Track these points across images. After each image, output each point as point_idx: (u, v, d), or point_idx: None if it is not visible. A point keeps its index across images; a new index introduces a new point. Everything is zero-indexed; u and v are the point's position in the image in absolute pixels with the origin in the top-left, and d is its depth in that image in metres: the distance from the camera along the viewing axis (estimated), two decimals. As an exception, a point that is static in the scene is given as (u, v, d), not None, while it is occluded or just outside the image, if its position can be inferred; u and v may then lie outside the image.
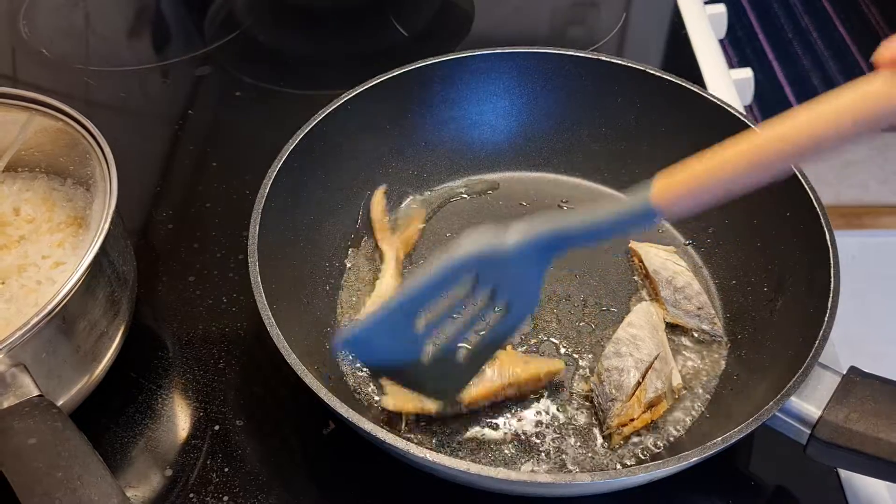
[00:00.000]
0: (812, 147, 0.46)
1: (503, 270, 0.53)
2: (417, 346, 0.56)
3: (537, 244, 0.52)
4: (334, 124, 0.74)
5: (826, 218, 0.65)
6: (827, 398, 0.56)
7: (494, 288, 0.54)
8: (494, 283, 0.54)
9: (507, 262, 0.53)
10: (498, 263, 0.53)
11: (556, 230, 0.52)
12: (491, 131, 0.83)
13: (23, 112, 0.69)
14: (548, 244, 0.52)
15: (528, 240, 0.52)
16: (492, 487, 0.56)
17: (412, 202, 0.81)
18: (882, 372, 0.58)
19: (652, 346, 0.66)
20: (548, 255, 0.53)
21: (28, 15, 1.10)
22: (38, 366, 0.56)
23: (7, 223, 0.68)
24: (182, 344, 0.72)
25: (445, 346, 0.58)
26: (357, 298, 0.73)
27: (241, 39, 1.07)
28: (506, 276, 0.54)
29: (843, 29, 2.52)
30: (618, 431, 0.63)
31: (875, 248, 1.77)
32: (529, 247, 0.52)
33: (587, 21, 1.11)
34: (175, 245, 0.81)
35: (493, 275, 0.53)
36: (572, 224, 0.52)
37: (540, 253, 0.53)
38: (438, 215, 0.80)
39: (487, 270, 0.53)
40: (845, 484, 0.63)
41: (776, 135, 0.47)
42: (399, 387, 0.63)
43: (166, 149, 0.91)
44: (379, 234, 0.77)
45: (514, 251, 0.52)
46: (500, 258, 0.52)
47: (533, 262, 0.53)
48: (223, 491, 0.63)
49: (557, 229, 0.52)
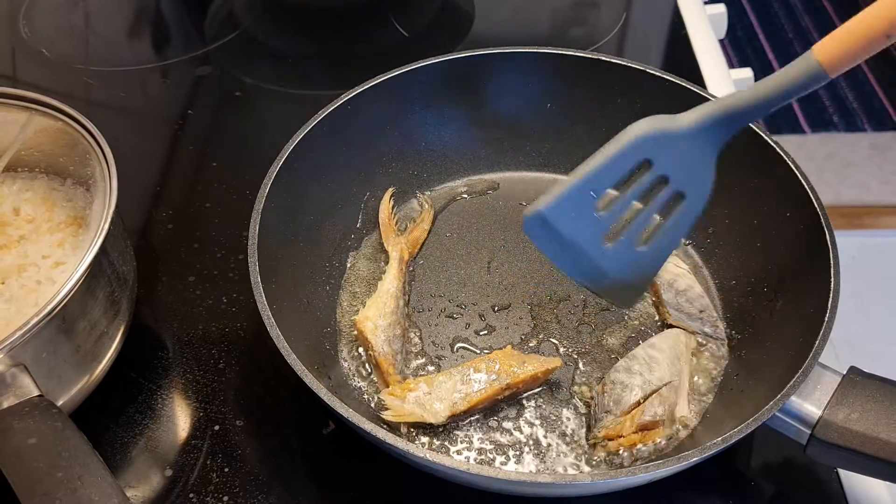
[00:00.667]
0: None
1: (676, 154, 0.54)
2: (599, 232, 0.56)
3: (711, 122, 0.53)
4: (334, 124, 0.74)
5: (826, 218, 0.65)
6: (827, 398, 0.56)
7: (666, 175, 0.55)
8: (667, 169, 0.55)
9: (680, 144, 0.54)
10: (671, 146, 0.54)
11: (727, 106, 0.53)
12: (491, 131, 0.83)
13: (23, 112, 0.69)
14: (720, 122, 0.54)
15: (702, 118, 0.53)
16: (491, 487, 0.56)
17: (422, 202, 0.81)
18: (882, 372, 0.58)
19: (666, 371, 0.64)
20: (719, 136, 0.54)
21: (28, 15, 1.10)
22: (38, 366, 0.56)
23: (7, 223, 0.68)
24: (182, 344, 0.72)
25: (624, 241, 0.57)
26: (357, 298, 0.73)
27: (241, 39, 1.07)
28: (679, 161, 0.54)
29: (843, 29, 2.52)
30: (602, 444, 0.62)
31: (875, 248, 1.77)
32: (702, 126, 0.53)
33: (587, 21, 1.11)
34: (175, 245, 0.81)
35: (665, 159, 0.54)
36: (742, 99, 0.53)
37: (711, 134, 0.54)
38: (439, 216, 0.80)
39: (661, 154, 0.54)
40: (845, 484, 0.63)
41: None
42: (399, 400, 0.63)
43: (166, 149, 0.91)
44: (385, 234, 0.77)
45: (687, 131, 0.53)
46: (673, 140, 0.53)
47: (706, 145, 0.54)
48: (223, 491, 0.63)
49: (729, 106, 0.53)
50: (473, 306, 0.73)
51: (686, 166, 0.55)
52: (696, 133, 0.54)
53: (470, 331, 0.71)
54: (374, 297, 0.70)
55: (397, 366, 0.67)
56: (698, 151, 0.55)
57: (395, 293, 0.71)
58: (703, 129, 0.54)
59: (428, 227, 0.79)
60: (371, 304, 0.70)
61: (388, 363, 0.66)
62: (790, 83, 0.53)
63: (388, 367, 0.66)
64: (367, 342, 0.67)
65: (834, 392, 0.56)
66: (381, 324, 0.68)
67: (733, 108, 0.54)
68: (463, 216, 0.80)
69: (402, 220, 0.79)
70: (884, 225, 1.92)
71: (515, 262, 0.76)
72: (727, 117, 0.54)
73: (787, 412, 0.56)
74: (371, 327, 0.67)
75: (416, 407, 0.63)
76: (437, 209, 0.81)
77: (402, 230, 0.78)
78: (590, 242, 0.57)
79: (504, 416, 0.65)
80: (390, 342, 0.67)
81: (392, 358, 0.67)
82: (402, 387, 0.64)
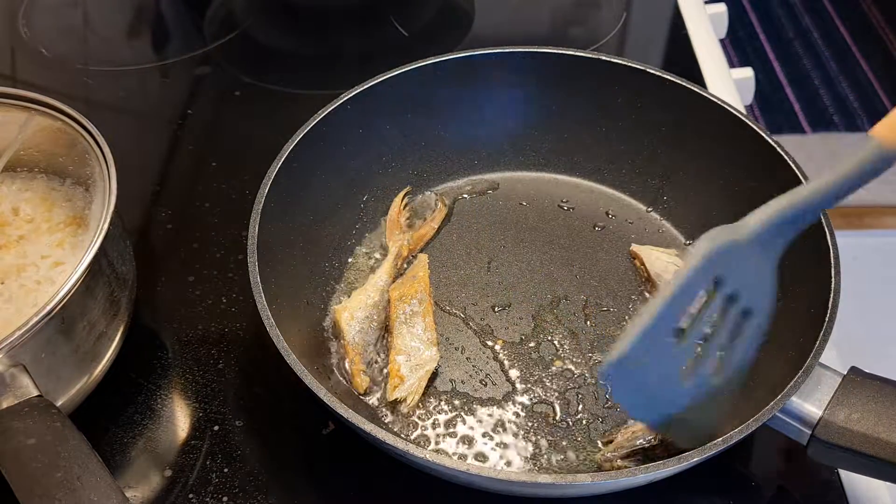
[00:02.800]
0: None
1: (743, 265, 0.52)
2: (677, 369, 0.53)
3: (780, 220, 0.51)
4: (334, 124, 0.74)
5: (826, 218, 0.64)
6: (827, 398, 0.56)
7: (736, 292, 0.52)
8: (735, 284, 0.52)
9: (747, 253, 0.51)
10: (739, 256, 0.51)
11: (794, 203, 0.51)
12: (491, 131, 0.82)
13: (22, 112, 0.69)
14: (789, 220, 0.52)
15: (770, 217, 0.51)
16: (491, 488, 0.56)
17: (436, 201, 0.81)
18: (882, 372, 0.58)
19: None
20: (785, 236, 0.52)
21: (28, 15, 1.09)
22: (37, 366, 0.56)
23: (6, 223, 0.67)
24: (181, 344, 0.72)
25: (700, 376, 0.54)
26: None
27: (240, 39, 1.07)
28: (746, 273, 0.52)
29: (843, 29, 2.52)
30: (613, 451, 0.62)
31: (876, 249, 1.77)
32: (771, 226, 0.51)
33: (587, 21, 1.11)
34: (175, 245, 0.81)
35: (734, 273, 0.52)
36: (811, 191, 0.51)
37: (777, 235, 0.52)
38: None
39: (730, 268, 0.51)
40: (845, 484, 0.63)
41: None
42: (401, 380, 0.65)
43: (166, 149, 0.91)
44: (390, 230, 0.77)
45: (755, 237, 0.51)
46: (740, 249, 0.51)
47: (770, 249, 0.52)
48: (223, 491, 0.62)
49: (796, 202, 0.51)
50: (473, 306, 0.73)
51: (752, 278, 0.53)
52: (763, 237, 0.52)
53: (469, 331, 0.71)
54: (361, 289, 0.71)
55: (365, 357, 0.67)
56: (763, 259, 0.53)
57: (381, 287, 0.71)
58: (770, 230, 0.52)
59: (437, 226, 0.79)
60: (355, 295, 0.71)
61: (356, 353, 0.67)
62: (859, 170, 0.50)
63: (355, 357, 0.67)
64: (340, 331, 0.68)
65: (834, 392, 0.56)
66: (359, 315, 0.69)
67: (802, 202, 0.51)
68: (463, 216, 0.80)
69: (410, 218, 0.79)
70: (884, 225, 1.92)
71: (515, 262, 0.76)
72: (796, 214, 0.52)
73: (787, 412, 0.56)
74: (347, 317, 0.68)
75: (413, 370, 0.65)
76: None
77: (409, 227, 0.78)
78: (670, 382, 0.54)
79: (504, 416, 0.65)
80: (363, 333, 0.68)
81: (361, 348, 0.67)
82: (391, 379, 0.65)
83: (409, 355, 0.67)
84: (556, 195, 0.82)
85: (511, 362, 0.69)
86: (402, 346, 0.67)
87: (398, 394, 0.65)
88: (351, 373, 0.66)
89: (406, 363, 0.66)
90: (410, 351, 0.67)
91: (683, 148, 0.78)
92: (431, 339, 0.68)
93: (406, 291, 0.70)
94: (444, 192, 0.82)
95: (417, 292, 0.70)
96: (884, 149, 0.49)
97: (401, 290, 0.70)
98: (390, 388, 0.65)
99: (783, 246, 0.53)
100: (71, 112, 0.67)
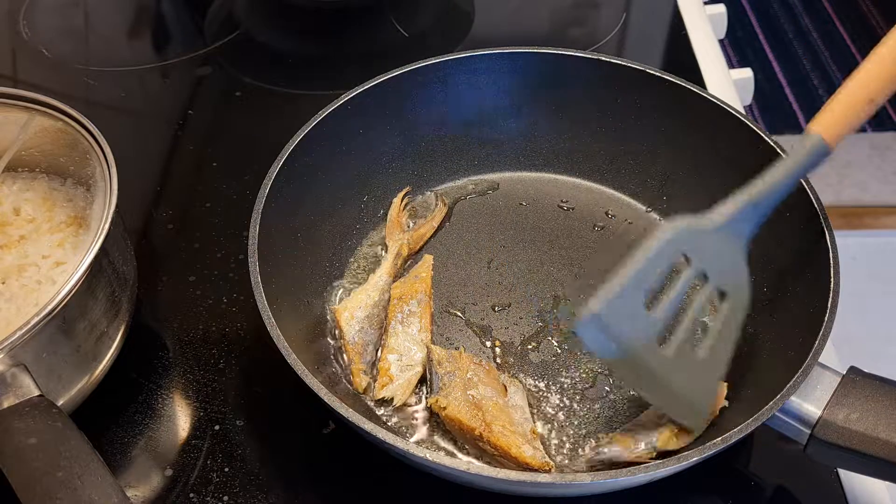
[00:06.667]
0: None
1: (709, 249, 0.57)
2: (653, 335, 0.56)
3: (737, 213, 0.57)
4: (334, 124, 0.74)
5: (826, 218, 0.65)
6: (827, 398, 0.56)
7: (705, 272, 0.57)
8: (704, 265, 0.57)
9: (712, 239, 0.56)
10: (703, 240, 0.56)
11: (747, 198, 0.57)
12: (491, 131, 0.82)
13: (23, 112, 0.69)
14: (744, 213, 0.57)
15: (727, 212, 0.57)
16: (492, 487, 0.56)
17: (437, 201, 0.81)
18: (882, 372, 0.58)
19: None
20: (745, 227, 0.58)
21: (28, 15, 1.10)
22: (38, 366, 0.56)
23: (7, 223, 0.68)
24: (182, 344, 0.72)
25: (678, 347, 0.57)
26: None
27: (241, 39, 1.07)
28: (713, 257, 0.57)
29: (843, 29, 2.52)
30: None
31: (875, 249, 1.77)
32: (729, 219, 0.57)
33: (587, 21, 1.11)
34: (175, 245, 0.81)
35: (701, 255, 0.56)
36: (758, 188, 0.57)
37: (738, 225, 0.57)
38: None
39: (695, 249, 0.56)
40: (845, 484, 0.63)
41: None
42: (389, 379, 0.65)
43: (166, 149, 0.91)
44: (390, 229, 0.77)
45: (715, 226, 0.56)
46: (703, 234, 0.56)
47: (734, 237, 0.58)
48: (223, 491, 0.63)
49: (748, 197, 0.57)
50: (473, 306, 0.73)
51: (721, 262, 0.57)
52: (724, 227, 0.57)
53: (469, 331, 0.71)
54: (361, 289, 0.71)
55: (364, 356, 0.67)
56: (729, 246, 0.58)
57: (382, 286, 0.71)
58: (729, 222, 0.57)
59: (436, 225, 0.79)
60: (355, 295, 0.71)
61: (356, 352, 0.67)
62: (802, 163, 0.58)
63: (355, 356, 0.67)
64: (340, 331, 0.68)
65: (834, 392, 0.56)
66: (359, 315, 0.69)
67: (753, 198, 0.57)
68: (463, 216, 0.80)
69: (410, 217, 0.79)
70: (884, 225, 1.92)
71: (515, 262, 0.76)
72: (749, 207, 0.57)
73: (786, 412, 0.56)
74: (347, 317, 0.68)
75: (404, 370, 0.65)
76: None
77: (409, 227, 0.78)
78: (646, 346, 0.56)
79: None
80: (363, 333, 0.68)
81: (361, 348, 0.67)
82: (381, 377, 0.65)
83: (400, 355, 0.66)
84: (556, 195, 0.82)
85: (511, 362, 0.69)
86: (394, 346, 0.67)
87: (385, 393, 0.65)
88: (351, 372, 0.66)
89: (397, 362, 0.66)
90: (403, 351, 0.67)
91: (683, 148, 0.78)
92: (426, 340, 0.68)
93: (407, 291, 0.70)
94: (444, 192, 0.82)
95: (418, 293, 0.70)
96: (824, 143, 0.57)
97: (402, 289, 0.70)
98: (378, 385, 0.65)
99: (746, 236, 0.58)
100: (72, 112, 0.67)
